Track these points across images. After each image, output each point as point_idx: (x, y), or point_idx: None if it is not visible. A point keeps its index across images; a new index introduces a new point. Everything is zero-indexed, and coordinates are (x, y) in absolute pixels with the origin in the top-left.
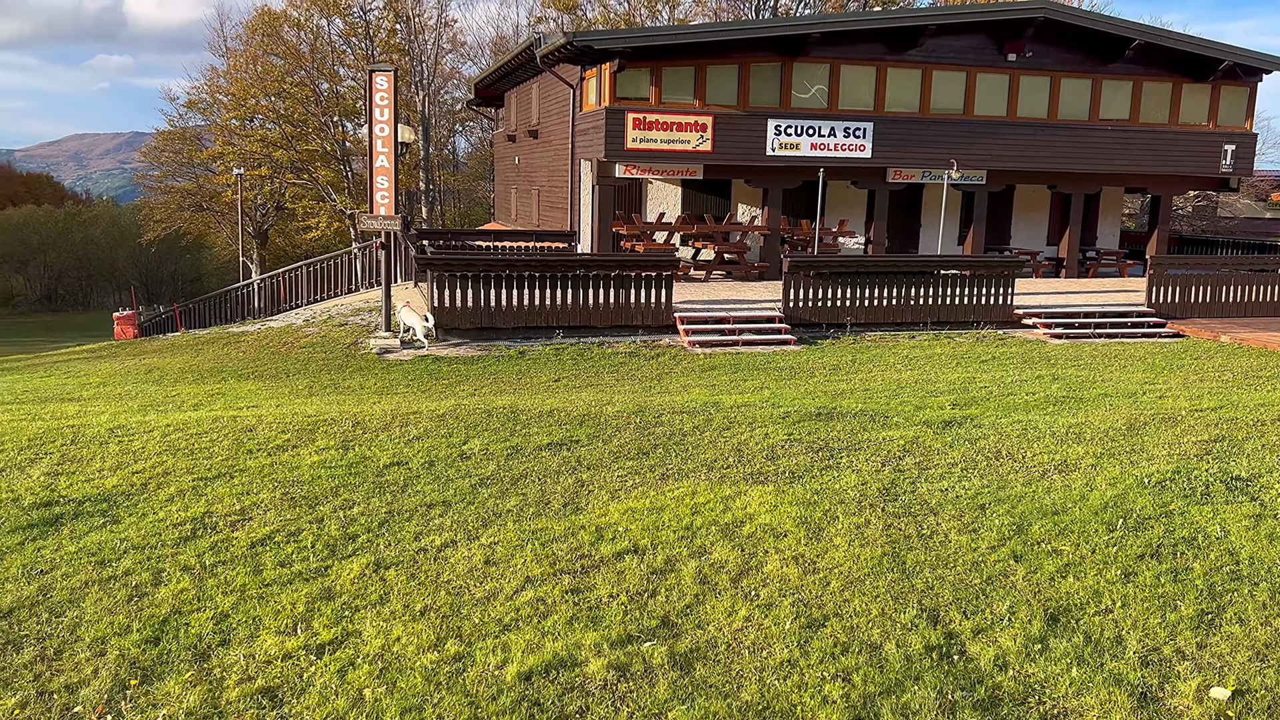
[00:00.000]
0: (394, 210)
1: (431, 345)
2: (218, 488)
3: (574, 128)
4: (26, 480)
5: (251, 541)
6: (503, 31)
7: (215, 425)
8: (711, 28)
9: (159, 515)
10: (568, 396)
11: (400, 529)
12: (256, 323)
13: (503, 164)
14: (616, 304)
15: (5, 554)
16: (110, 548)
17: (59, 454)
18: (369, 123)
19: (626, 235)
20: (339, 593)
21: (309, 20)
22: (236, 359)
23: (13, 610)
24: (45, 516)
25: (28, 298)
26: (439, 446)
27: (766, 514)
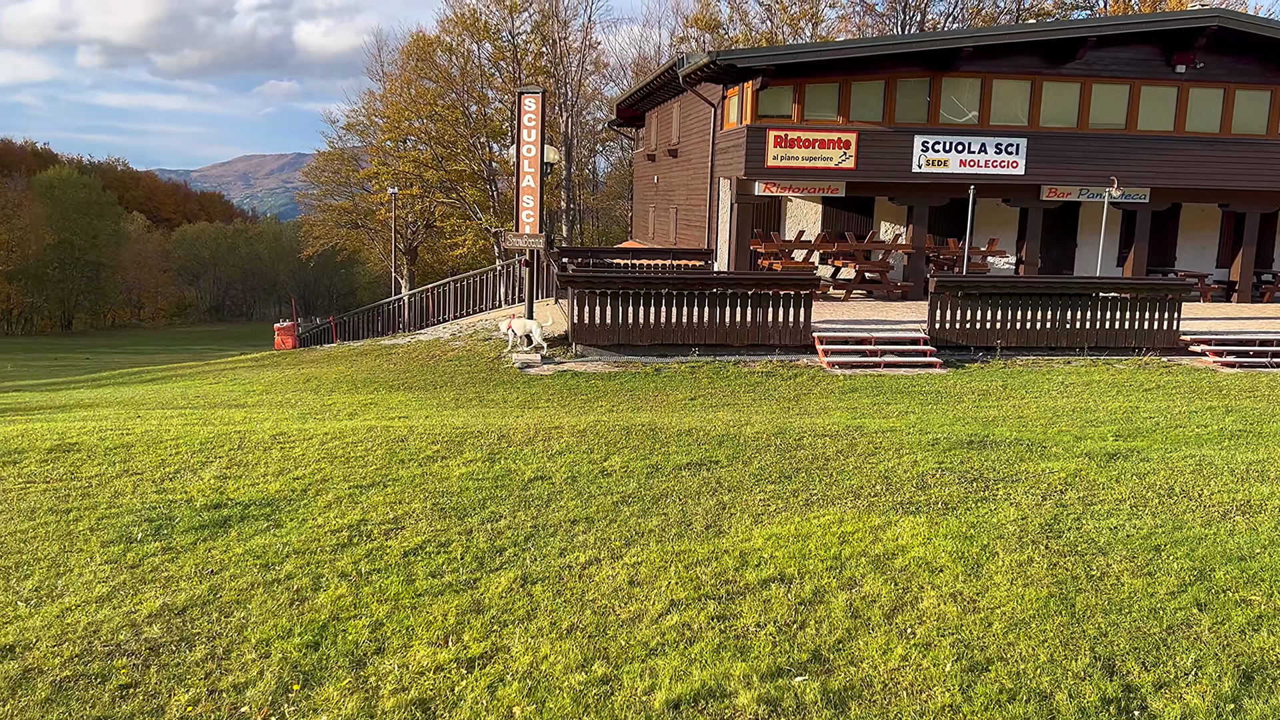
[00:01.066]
0: (538, 229)
1: (568, 359)
2: (372, 496)
3: (714, 146)
4: (198, 482)
5: (404, 550)
6: (644, 52)
7: (370, 435)
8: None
9: (318, 521)
10: (705, 416)
11: (545, 544)
12: (406, 336)
13: (641, 183)
14: (754, 322)
15: (180, 553)
16: (274, 551)
17: (227, 458)
18: (516, 143)
19: (764, 253)
20: (488, 606)
21: (460, 45)
22: (388, 371)
23: (186, 608)
24: (215, 518)
25: (198, 308)
26: (580, 462)
27: (920, 546)
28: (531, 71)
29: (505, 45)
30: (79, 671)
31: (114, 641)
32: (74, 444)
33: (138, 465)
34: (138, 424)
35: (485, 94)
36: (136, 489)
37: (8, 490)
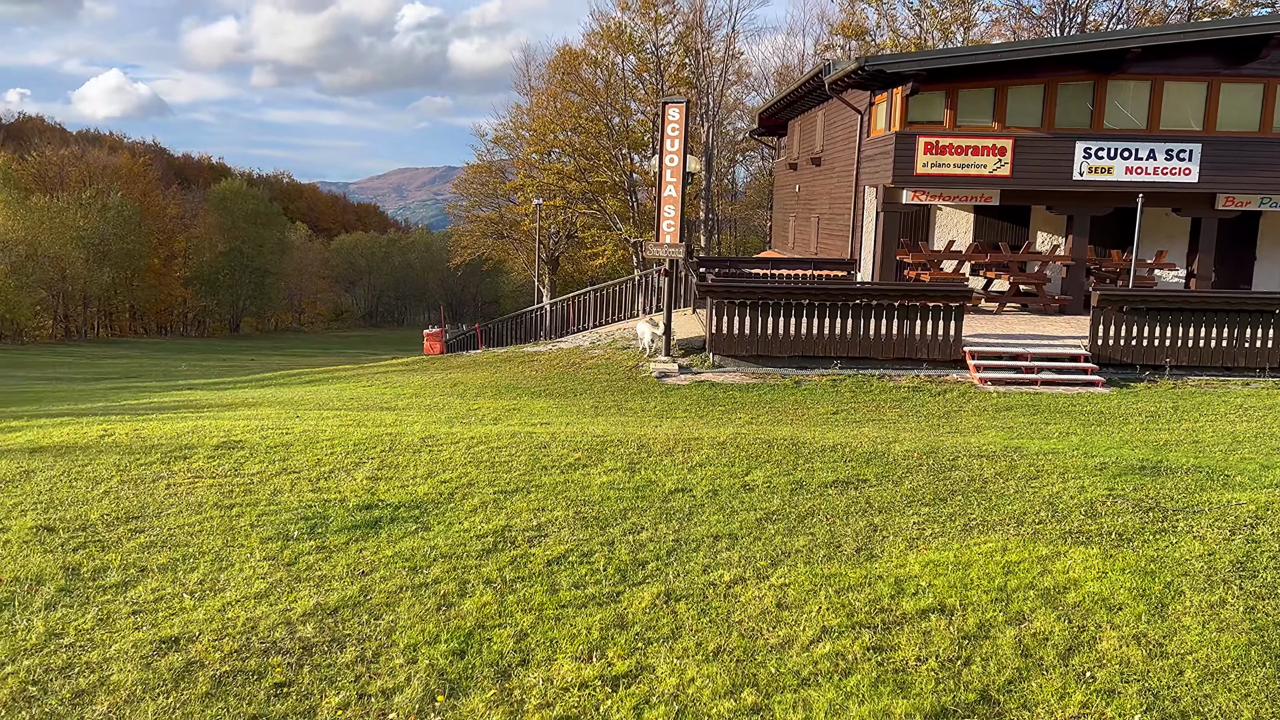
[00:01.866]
0: (678, 238)
1: (705, 369)
2: (516, 502)
3: (859, 154)
4: (351, 483)
5: (548, 559)
6: (787, 61)
7: (513, 440)
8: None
9: (464, 526)
10: (849, 431)
11: (688, 559)
12: (548, 344)
13: (782, 192)
14: (899, 335)
15: (333, 553)
16: (421, 555)
17: (379, 460)
18: (659, 153)
19: (911, 264)
20: (631, 622)
21: (605, 58)
22: (530, 377)
23: (338, 609)
24: (366, 519)
25: (353, 313)
26: (721, 475)
27: (1094, 581)
28: (674, 82)
29: (649, 57)
30: (237, 667)
31: (270, 639)
32: (238, 442)
33: (295, 464)
34: (297, 424)
35: (628, 106)
36: (294, 487)
37: (177, 484)
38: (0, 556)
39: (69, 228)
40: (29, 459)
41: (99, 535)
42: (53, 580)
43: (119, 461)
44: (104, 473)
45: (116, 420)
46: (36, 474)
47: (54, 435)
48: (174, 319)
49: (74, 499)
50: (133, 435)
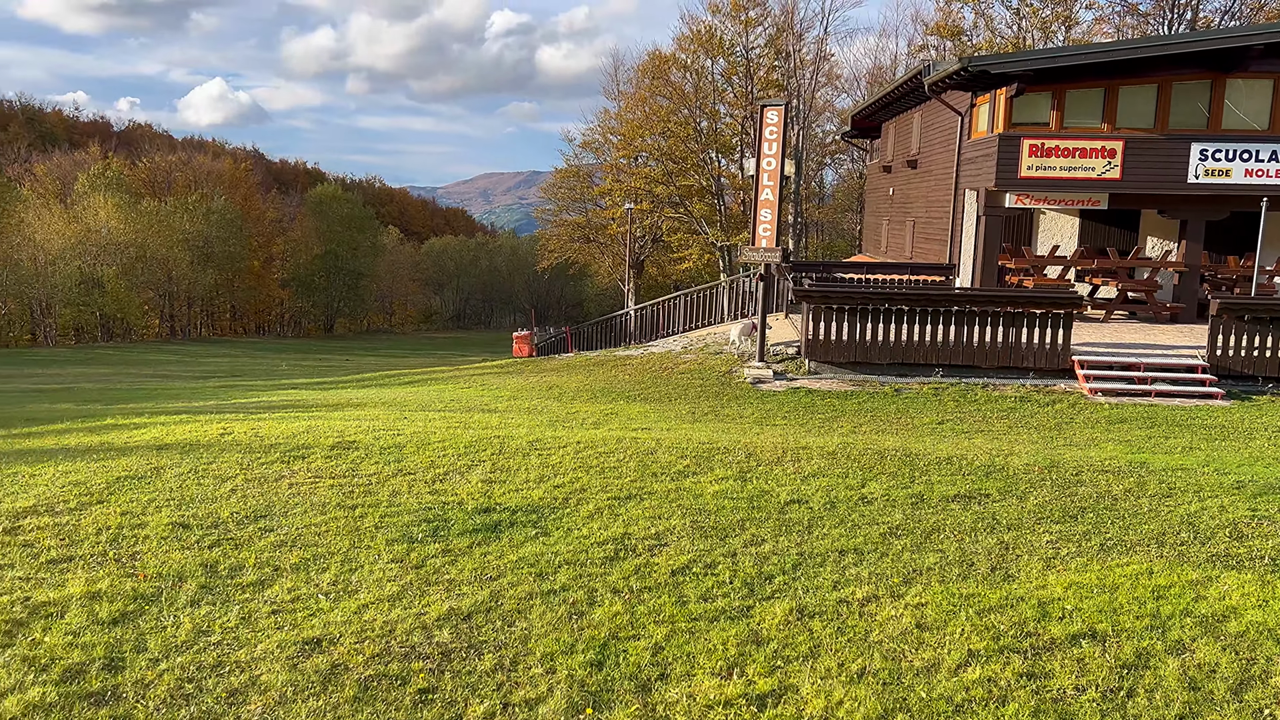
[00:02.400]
0: (774, 242)
1: (801, 376)
2: (631, 509)
3: (959, 156)
4: (467, 485)
5: (671, 570)
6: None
7: (619, 445)
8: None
9: (582, 532)
10: (959, 442)
11: (816, 575)
12: (639, 348)
13: (874, 195)
14: (1004, 343)
15: (458, 556)
16: (546, 561)
17: (490, 462)
18: (756, 156)
19: (1014, 269)
20: (766, 638)
21: (695, 61)
22: (623, 381)
23: (471, 614)
24: (486, 522)
25: (442, 315)
26: (836, 487)
27: (1255, 609)
28: (764, 85)
29: (739, 60)
30: (380, 671)
31: (409, 643)
32: (352, 442)
33: (410, 465)
34: (405, 425)
35: (716, 109)
36: (412, 489)
37: (299, 484)
38: (142, 552)
39: (175, 230)
40: (157, 456)
41: (231, 533)
42: (193, 577)
43: (241, 460)
44: (228, 471)
45: (232, 419)
46: (166, 471)
47: (177, 433)
48: (271, 319)
49: (203, 496)
50: (251, 434)
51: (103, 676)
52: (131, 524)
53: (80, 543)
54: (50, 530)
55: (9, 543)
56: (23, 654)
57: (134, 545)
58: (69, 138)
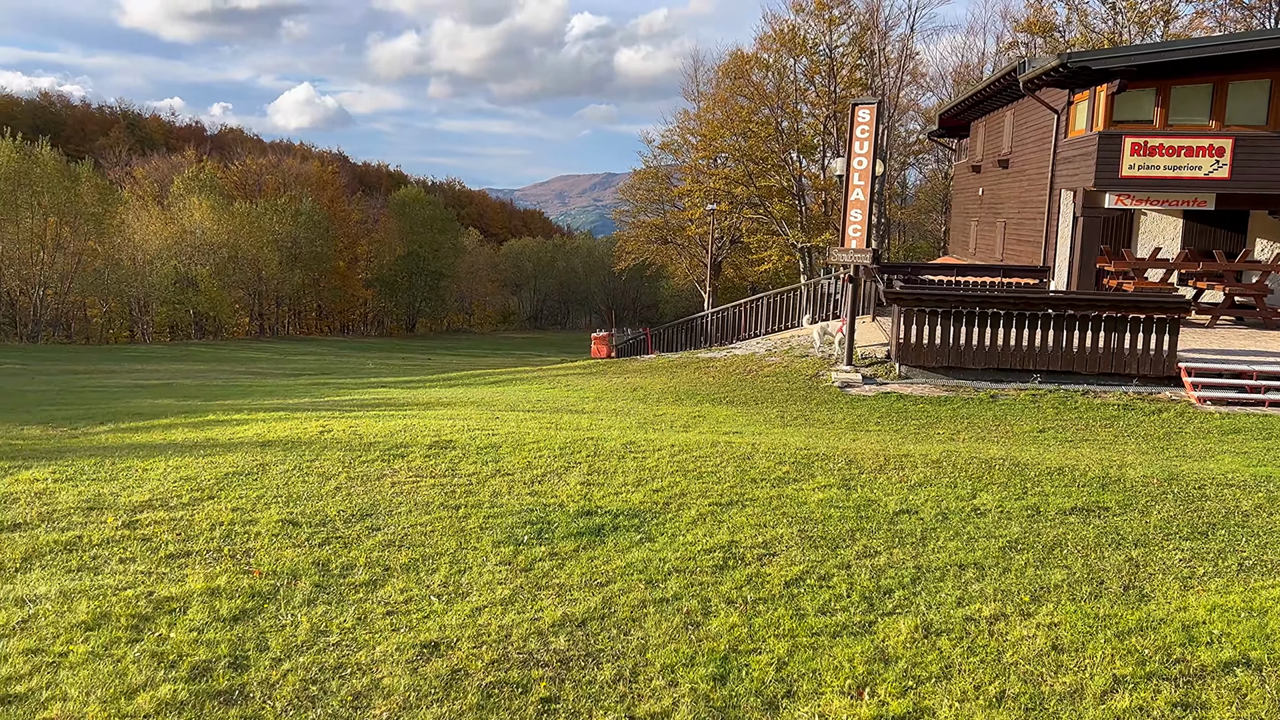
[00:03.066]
0: (865, 243)
1: (891, 380)
2: (734, 516)
3: (1055, 155)
4: (566, 488)
5: (784, 581)
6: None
7: (714, 450)
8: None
9: (687, 538)
10: (1066, 452)
11: (937, 590)
12: (721, 350)
13: (962, 195)
14: (1106, 348)
15: (565, 560)
16: (654, 567)
17: (586, 465)
18: (847, 155)
19: (1112, 272)
20: (893, 656)
21: (777, 61)
22: (708, 384)
23: (585, 621)
24: (589, 526)
25: (519, 316)
26: (945, 497)
27: None
28: (847, 84)
29: (821, 59)
30: (500, 679)
31: (526, 649)
32: (450, 442)
33: (507, 466)
34: (499, 425)
35: (798, 109)
36: (512, 490)
37: (401, 483)
38: (255, 549)
39: (266, 231)
40: (261, 452)
41: (340, 531)
42: (307, 575)
43: (343, 458)
44: (331, 469)
45: (329, 417)
46: (271, 468)
47: (278, 430)
48: (355, 318)
49: (309, 494)
50: (350, 433)
51: (229, 675)
52: (243, 520)
53: (195, 538)
54: (166, 525)
55: (129, 536)
56: (151, 649)
57: (247, 542)
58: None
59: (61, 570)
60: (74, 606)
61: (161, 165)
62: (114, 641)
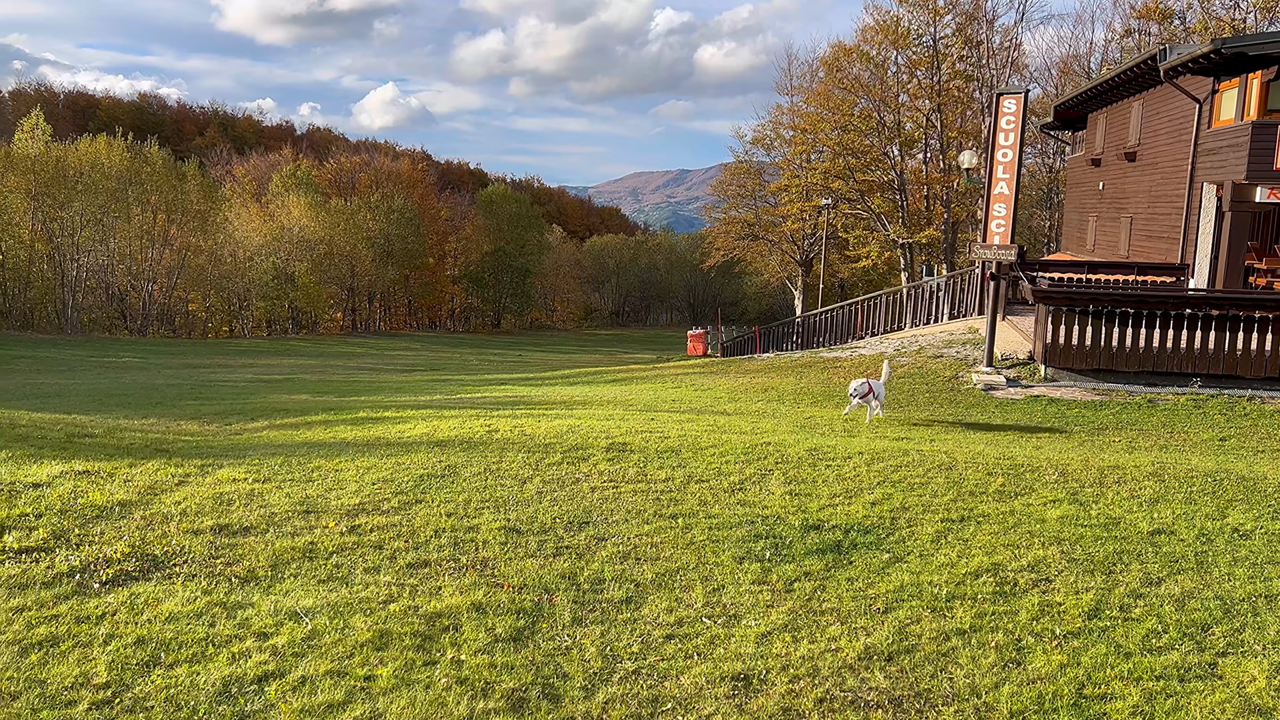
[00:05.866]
0: (1008, 239)
1: (1035, 383)
2: (975, 534)
3: (1196, 147)
4: (771, 496)
5: (1082, 612)
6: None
7: (908, 459)
8: None
9: (939, 559)
10: (1277, 464)
11: (1260, 625)
12: (843, 349)
13: (1078, 190)
14: (1274, 352)
15: (824, 580)
16: (928, 593)
17: (779, 472)
18: (990, 147)
19: (1263, 270)
20: (1269, 707)
21: (879, 53)
22: (838, 384)
23: (892, 655)
24: (824, 541)
25: (601, 313)
26: (1192, 515)
27: None
28: (951, 75)
29: (925, 51)
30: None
31: (847, 687)
32: (625, 445)
33: (696, 471)
34: (659, 426)
35: (900, 102)
36: (716, 498)
37: (598, 487)
38: (490, 559)
39: (360, 228)
40: (440, 453)
41: (565, 541)
42: (559, 591)
43: (526, 460)
44: (522, 471)
45: (484, 416)
46: (460, 470)
47: (443, 429)
48: (443, 314)
49: (514, 498)
50: (517, 433)
51: (549, 707)
52: (463, 526)
53: (424, 545)
54: (389, 530)
55: (359, 543)
56: (453, 674)
57: (476, 550)
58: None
59: (313, 580)
60: (350, 623)
61: (260, 164)
62: (409, 664)
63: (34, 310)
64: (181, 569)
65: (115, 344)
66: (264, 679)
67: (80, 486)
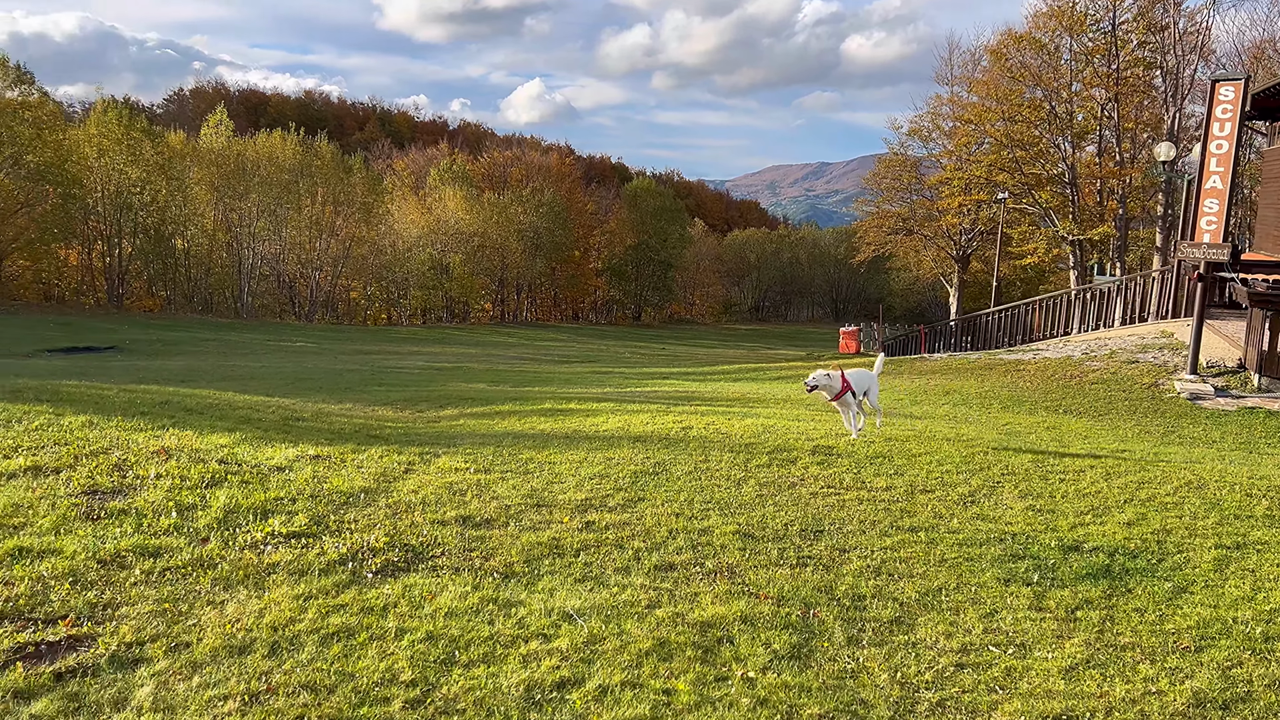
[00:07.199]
0: (1220, 237)
1: (1248, 394)
2: (1263, 564)
3: None
4: (1009, 511)
5: None
6: (1270, 34)
7: (1147, 473)
8: None
9: (1232, 592)
10: None
11: None
12: (1024, 352)
13: (1277, 184)
14: None
15: (1108, 609)
16: (1239, 630)
17: (1009, 484)
18: (1204, 138)
19: None
20: None
21: (1052, 39)
22: (1028, 389)
23: (1228, 704)
24: (1090, 565)
25: (740, 308)
26: None
27: None
28: (1130, 63)
29: (1101, 36)
30: None
31: None
32: (829, 447)
33: (915, 480)
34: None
35: (1072, 91)
36: (950, 511)
37: (818, 493)
38: (735, 565)
39: (511, 221)
40: (644, 449)
41: (803, 550)
42: (822, 606)
43: (733, 459)
44: (731, 471)
45: (671, 411)
46: (670, 467)
47: (636, 424)
48: (585, 306)
49: (734, 500)
50: (712, 430)
51: None
52: (695, 528)
53: (663, 547)
54: (623, 529)
55: (600, 541)
56: (748, 694)
57: (716, 555)
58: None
59: (569, 579)
60: (625, 628)
61: (417, 158)
62: (701, 679)
63: (213, 295)
64: (442, 561)
65: (286, 329)
66: (562, 685)
67: (319, 471)
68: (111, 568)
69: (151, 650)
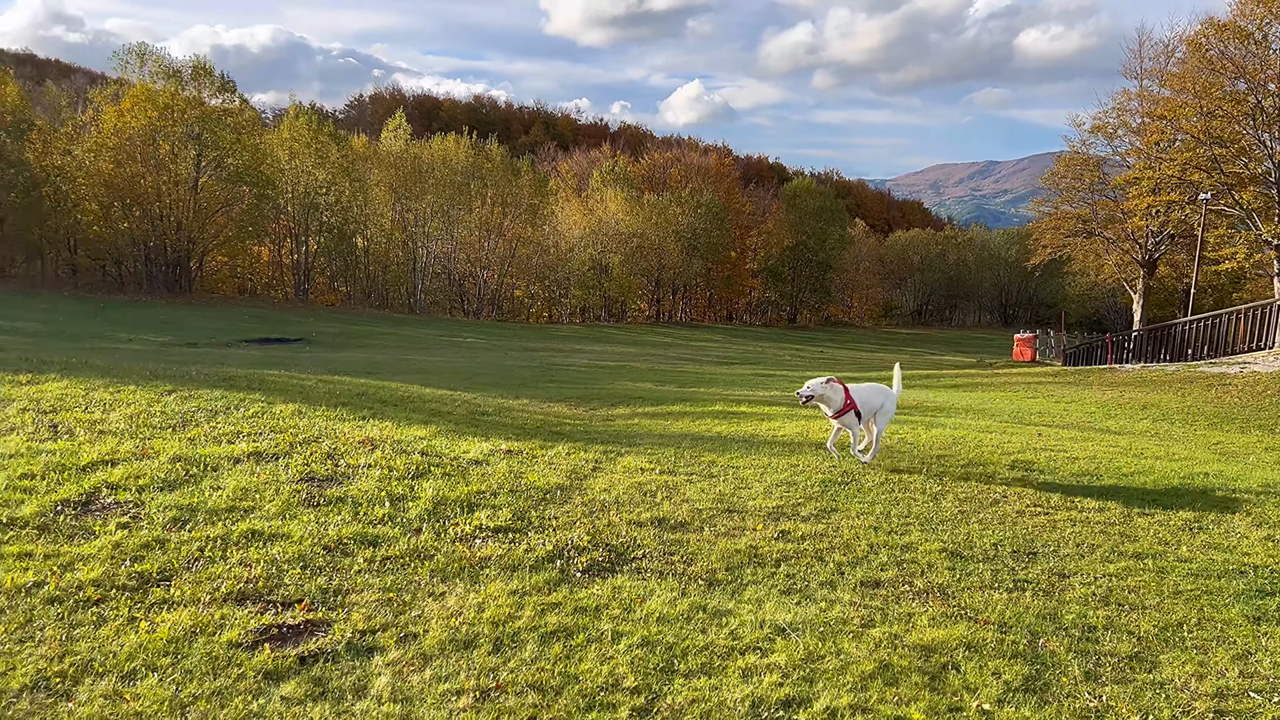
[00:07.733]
0: None
1: None
2: None
3: None
4: (1246, 542)
5: None
6: None
7: None
8: None
9: None
10: None
11: None
12: (1230, 364)
13: None
14: None
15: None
16: None
17: (1241, 513)
18: None
19: None
20: None
21: (1262, 27)
22: (1235, 405)
23: None
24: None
25: (901, 311)
26: None
27: None
28: None
29: None
30: None
31: None
32: (1029, 463)
33: (1130, 502)
34: (1053, 442)
35: None
36: (1176, 539)
37: (1024, 511)
38: (946, 587)
39: (670, 222)
40: (828, 456)
41: (1017, 573)
42: (1046, 634)
43: (927, 471)
44: (927, 485)
45: None
46: (859, 478)
47: (813, 430)
48: (739, 308)
49: (931, 515)
50: (896, 440)
51: None
52: (896, 544)
53: (864, 562)
54: (820, 540)
55: (799, 551)
56: None
57: (925, 575)
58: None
59: (775, 590)
60: (841, 647)
61: (580, 160)
62: (933, 709)
63: (389, 292)
64: (645, 564)
65: (457, 325)
66: (788, 704)
67: (514, 466)
68: (336, 554)
69: (383, 639)
